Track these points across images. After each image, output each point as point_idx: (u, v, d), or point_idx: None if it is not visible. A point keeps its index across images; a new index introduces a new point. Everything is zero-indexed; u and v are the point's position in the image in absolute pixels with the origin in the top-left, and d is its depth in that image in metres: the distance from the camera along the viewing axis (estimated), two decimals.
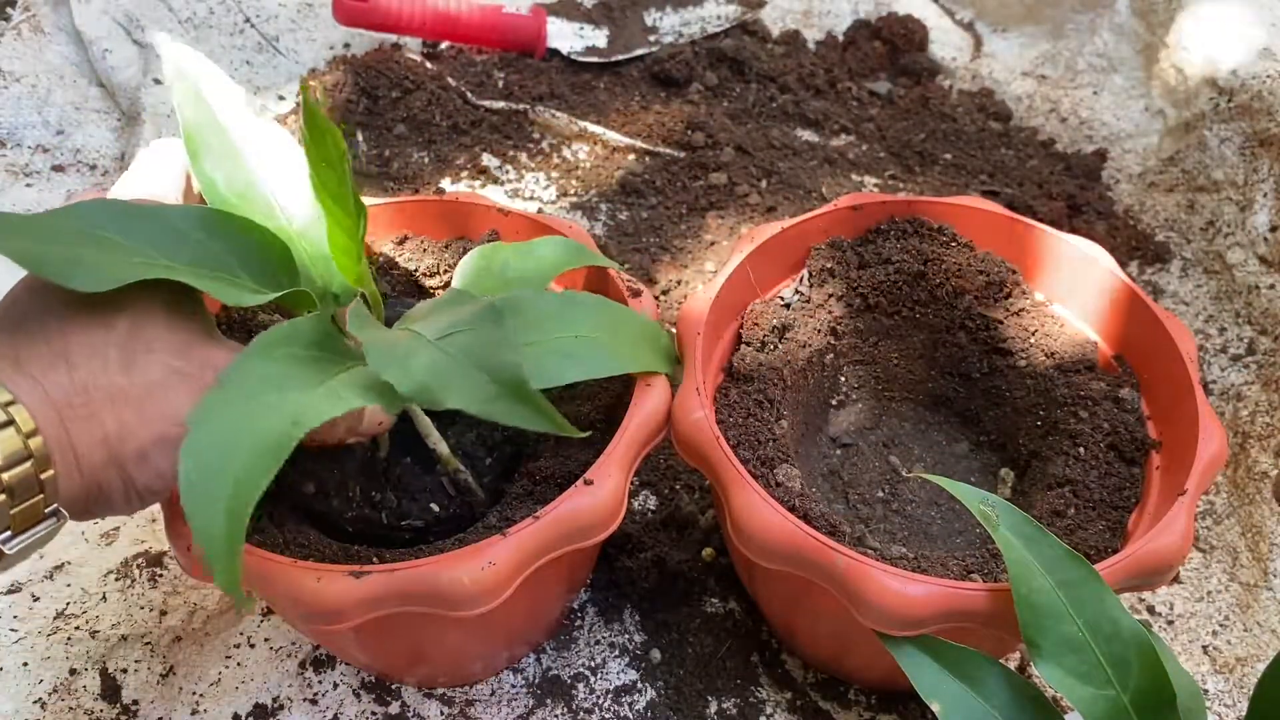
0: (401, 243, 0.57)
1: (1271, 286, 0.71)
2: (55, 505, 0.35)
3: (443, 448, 0.46)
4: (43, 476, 0.34)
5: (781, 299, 0.57)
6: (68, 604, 0.56)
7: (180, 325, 0.38)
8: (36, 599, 0.56)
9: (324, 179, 0.40)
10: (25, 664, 0.53)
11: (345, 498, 0.46)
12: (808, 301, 0.57)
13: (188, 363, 0.37)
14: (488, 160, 0.85)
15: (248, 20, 0.93)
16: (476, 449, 0.48)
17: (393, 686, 0.53)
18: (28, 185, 0.79)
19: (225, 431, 0.32)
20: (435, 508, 0.46)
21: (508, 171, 0.85)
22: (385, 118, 0.87)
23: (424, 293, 0.57)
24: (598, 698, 0.53)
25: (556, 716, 0.52)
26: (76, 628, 0.55)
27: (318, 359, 0.37)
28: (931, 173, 0.86)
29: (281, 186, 0.45)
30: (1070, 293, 0.57)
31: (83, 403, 0.35)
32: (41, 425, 0.34)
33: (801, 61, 0.96)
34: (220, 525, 0.31)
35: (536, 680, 0.54)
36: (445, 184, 0.83)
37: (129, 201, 0.41)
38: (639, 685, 0.54)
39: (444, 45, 0.96)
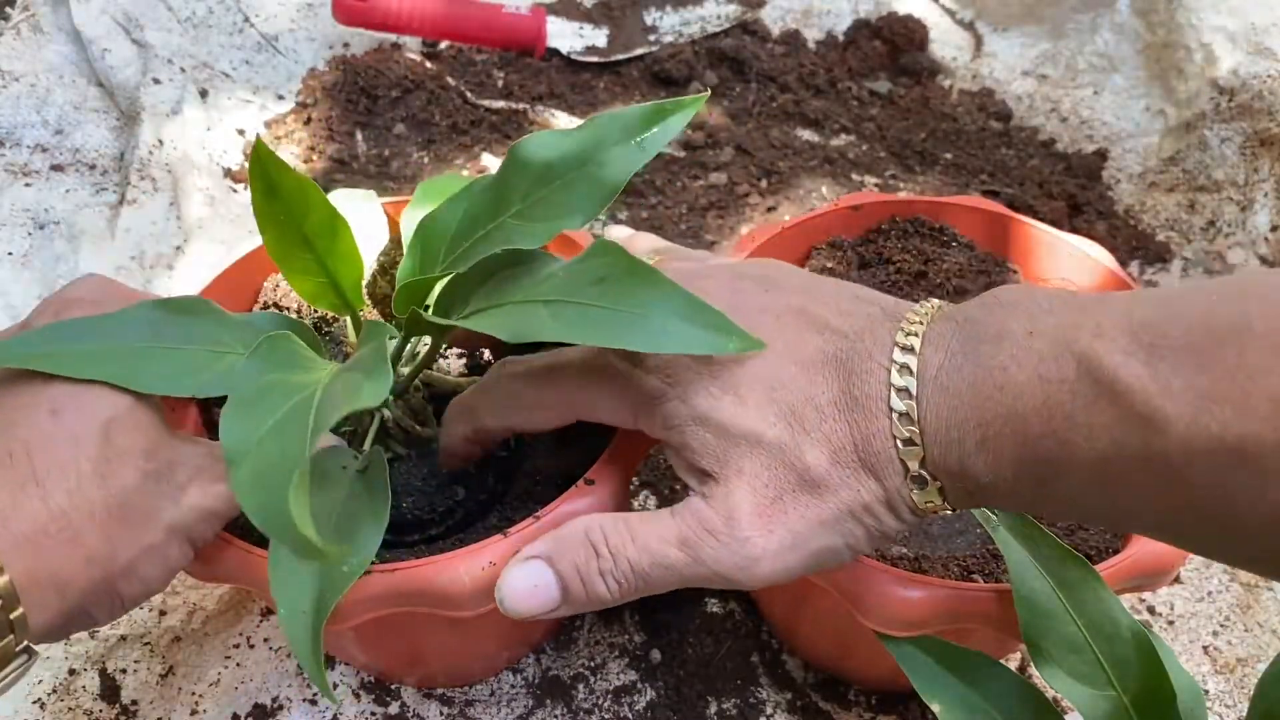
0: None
1: None
2: (26, 643, 0.33)
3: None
4: (12, 617, 0.32)
5: None
6: None
7: (144, 425, 0.37)
8: None
9: (277, 235, 0.39)
10: None
11: None
12: None
13: (158, 464, 0.36)
14: (487, 160, 0.85)
15: (247, 20, 0.93)
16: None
17: (393, 686, 0.53)
18: (27, 185, 0.79)
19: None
20: (462, 490, 0.45)
21: None
22: (385, 117, 0.87)
23: None
24: (598, 698, 0.53)
25: (556, 717, 0.52)
26: None
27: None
28: (932, 172, 0.86)
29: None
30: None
31: (60, 527, 0.33)
32: (10, 561, 0.32)
33: (801, 61, 0.96)
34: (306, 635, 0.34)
35: (536, 680, 0.54)
36: None
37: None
38: (639, 685, 0.54)
39: (444, 45, 0.96)
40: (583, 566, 0.35)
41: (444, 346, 0.49)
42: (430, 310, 0.41)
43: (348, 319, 0.46)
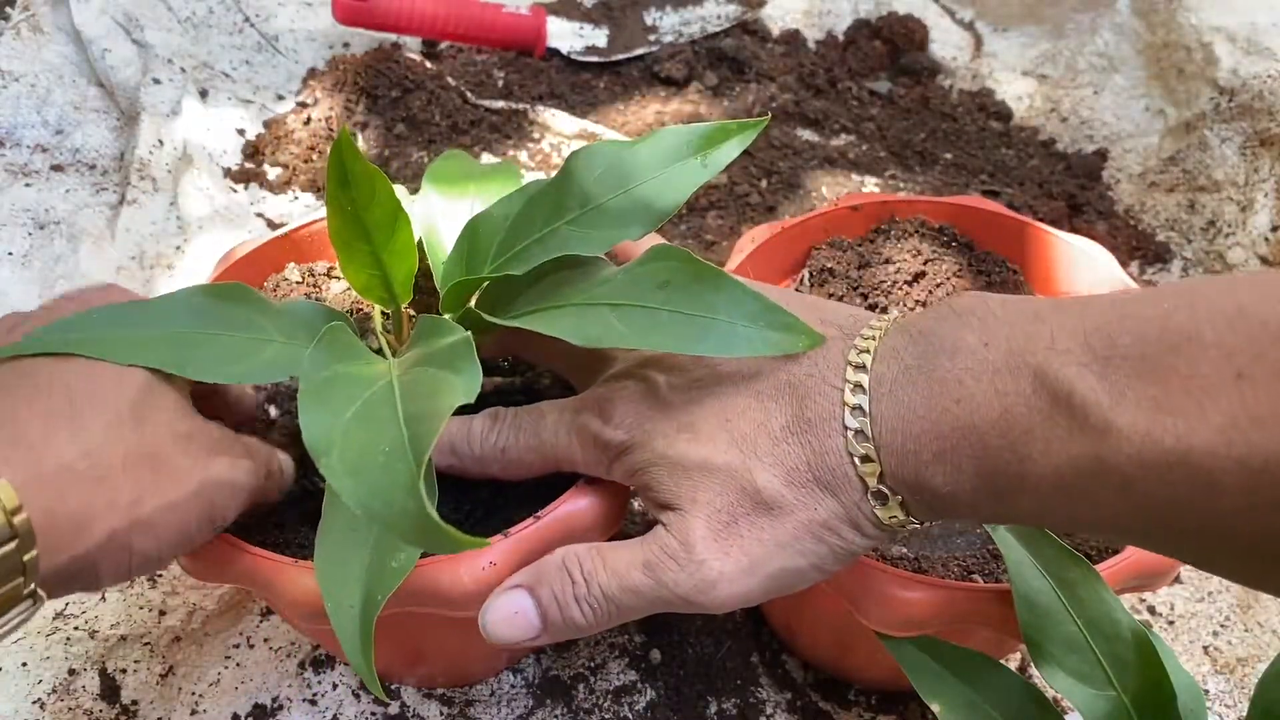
0: None
1: None
2: (34, 587, 0.31)
3: None
4: (25, 558, 0.30)
5: None
6: (67, 604, 0.56)
7: (174, 400, 0.37)
8: None
9: (341, 225, 0.39)
10: (24, 664, 0.53)
11: None
12: None
13: (189, 428, 0.36)
14: (488, 160, 0.85)
15: (247, 20, 0.93)
16: None
17: (392, 686, 0.53)
18: (27, 185, 0.79)
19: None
20: (486, 489, 0.45)
21: None
22: (385, 117, 0.87)
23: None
24: (598, 698, 0.53)
25: (556, 717, 0.52)
26: (75, 628, 0.55)
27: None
28: (932, 172, 0.86)
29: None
30: (1071, 292, 0.57)
31: (89, 465, 0.32)
32: (32, 497, 0.31)
33: (801, 61, 0.96)
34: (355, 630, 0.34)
35: (536, 680, 0.54)
36: None
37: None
38: (639, 685, 0.54)
39: (444, 45, 0.96)
40: (559, 593, 0.36)
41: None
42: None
43: (375, 311, 0.46)
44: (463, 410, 0.38)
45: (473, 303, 0.42)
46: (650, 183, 0.42)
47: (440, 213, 0.48)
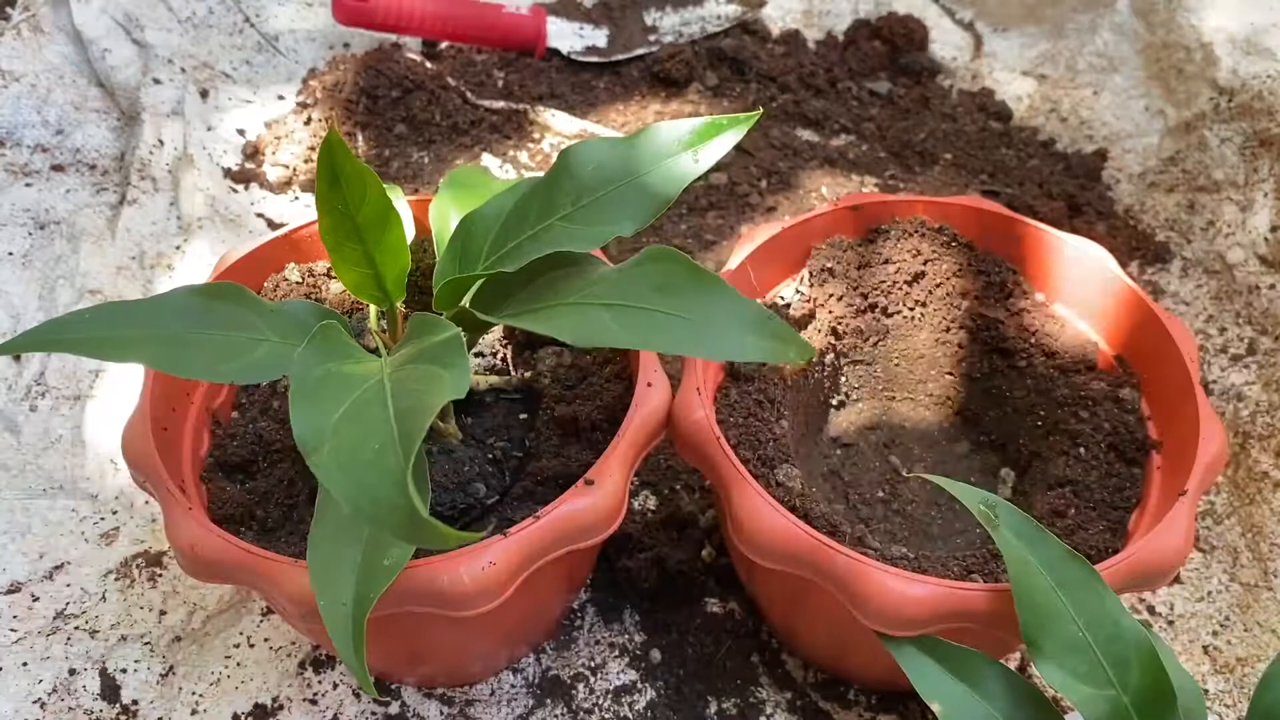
0: None
1: (1272, 286, 0.71)
2: None
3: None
4: None
5: (782, 299, 0.57)
6: (67, 604, 0.56)
7: None
8: (36, 599, 0.56)
9: (332, 225, 0.39)
10: (25, 664, 0.53)
11: None
12: (808, 301, 0.57)
13: None
14: (488, 160, 0.85)
15: (247, 20, 0.93)
16: (491, 438, 0.48)
17: (392, 686, 0.53)
18: (27, 185, 0.79)
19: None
20: (483, 487, 0.45)
21: (508, 171, 0.85)
22: (385, 117, 0.87)
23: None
24: (598, 698, 0.53)
25: (556, 716, 0.52)
26: (76, 628, 0.55)
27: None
28: (931, 173, 0.86)
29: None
30: (1071, 293, 0.57)
31: None
32: None
33: (801, 61, 0.96)
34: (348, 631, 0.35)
35: (536, 680, 0.54)
36: None
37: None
38: (639, 685, 0.54)
39: (444, 45, 0.96)
40: None
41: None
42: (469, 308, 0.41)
43: (371, 310, 0.46)
44: (457, 404, 0.39)
45: (466, 300, 0.42)
46: (642, 178, 0.42)
47: (454, 216, 0.48)
